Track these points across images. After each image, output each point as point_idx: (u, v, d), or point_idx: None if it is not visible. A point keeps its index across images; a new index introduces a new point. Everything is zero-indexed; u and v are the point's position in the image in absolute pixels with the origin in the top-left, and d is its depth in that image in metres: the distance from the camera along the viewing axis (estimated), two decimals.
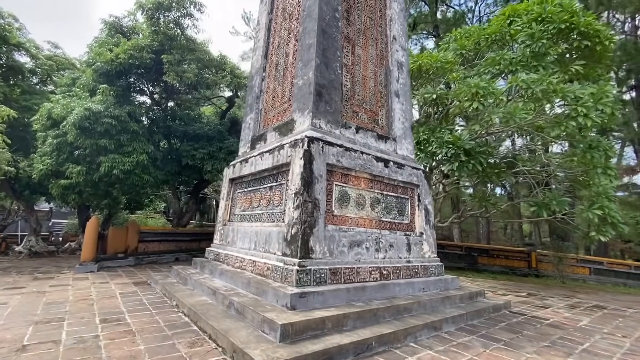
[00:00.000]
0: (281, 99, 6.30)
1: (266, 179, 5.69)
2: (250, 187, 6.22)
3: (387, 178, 5.82)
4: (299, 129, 5.27)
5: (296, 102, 5.55)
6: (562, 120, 6.97)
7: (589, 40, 7.45)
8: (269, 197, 5.48)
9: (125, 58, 8.86)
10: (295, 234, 4.36)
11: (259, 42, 7.59)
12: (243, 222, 6.13)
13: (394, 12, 7.25)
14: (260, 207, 5.71)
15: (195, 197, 13.86)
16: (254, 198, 5.97)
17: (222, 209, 6.94)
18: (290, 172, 4.83)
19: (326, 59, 5.52)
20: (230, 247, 6.11)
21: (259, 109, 7.03)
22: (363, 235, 5.14)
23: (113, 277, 7.61)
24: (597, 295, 9.86)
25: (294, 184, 4.65)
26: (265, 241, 5.05)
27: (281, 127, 5.88)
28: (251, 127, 6.97)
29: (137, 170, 9.03)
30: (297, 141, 4.84)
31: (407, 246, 5.84)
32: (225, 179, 7.15)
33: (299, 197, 4.48)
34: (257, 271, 4.88)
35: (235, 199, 6.72)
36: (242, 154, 7.02)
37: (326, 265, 4.45)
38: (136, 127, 9.10)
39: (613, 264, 14.75)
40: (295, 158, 4.77)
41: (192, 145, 11.49)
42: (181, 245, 12.18)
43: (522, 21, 8.08)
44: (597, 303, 7.91)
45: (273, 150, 5.45)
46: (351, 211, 5.17)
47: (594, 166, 8.34)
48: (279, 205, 5.16)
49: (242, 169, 6.40)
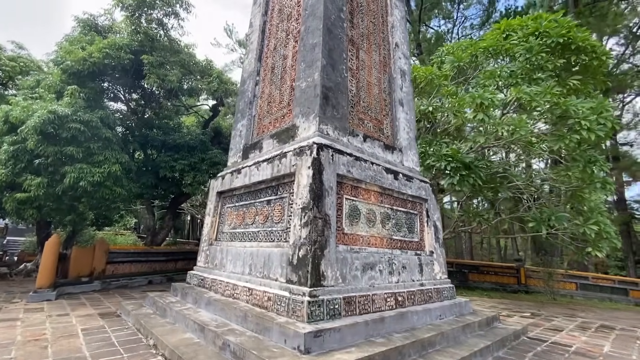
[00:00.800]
0: (279, 104, 5.71)
1: (263, 191, 5.00)
2: (242, 201, 5.49)
3: (397, 192, 5.31)
4: (302, 136, 4.67)
5: (298, 106, 4.98)
6: (565, 133, 6.84)
7: (586, 55, 7.53)
8: (266, 213, 4.79)
9: (100, 57, 7.99)
10: (304, 257, 3.69)
11: (252, 45, 7.03)
12: (234, 242, 5.36)
13: (395, 19, 6.96)
14: (255, 224, 4.99)
15: (172, 212, 12.76)
16: (247, 214, 5.24)
17: (207, 226, 6.13)
18: (295, 183, 4.19)
19: (332, 60, 5.02)
20: (219, 270, 5.30)
21: (252, 115, 6.39)
22: (376, 257, 4.53)
23: (75, 306, 6.49)
24: (595, 312, 9.68)
25: (300, 197, 4.01)
26: (264, 265, 4.32)
27: (280, 134, 5.26)
28: (243, 134, 6.29)
29: (108, 182, 8.03)
30: (302, 148, 4.23)
31: (419, 267, 5.28)
32: (211, 192, 6.37)
33: (307, 212, 3.84)
34: (254, 301, 4.11)
35: (224, 215, 5.95)
36: (233, 164, 6.30)
37: (339, 294, 3.78)
38: (109, 134, 8.15)
39: (598, 279, 14.91)
40: (301, 167, 4.15)
41: (172, 155, 10.57)
42: (155, 267, 11.00)
43: (518, 35, 8.09)
44: (602, 322, 7.63)
45: (272, 159, 4.80)
46: (362, 229, 4.57)
47: (591, 181, 8.25)
48: (280, 221, 4.47)
49: (233, 180, 5.68)
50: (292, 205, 4.25)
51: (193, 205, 19.76)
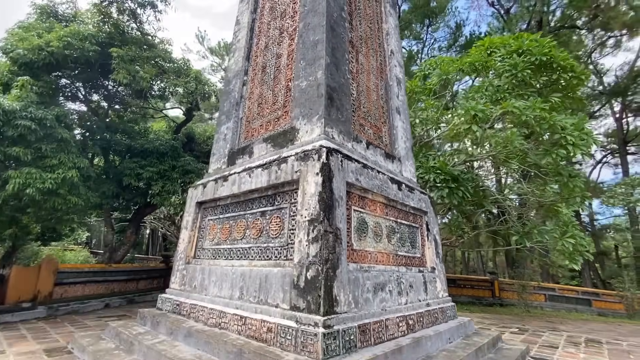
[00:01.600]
0: (272, 106, 5.18)
1: (256, 201, 4.39)
2: (229, 212, 4.81)
3: (401, 203, 4.93)
4: (304, 139, 4.17)
5: (298, 107, 4.49)
6: (552, 148, 6.97)
7: (566, 74, 7.88)
8: (260, 226, 4.17)
9: (60, 47, 6.96)
10: (314, 279, 3.13)
11: (239, 43, 6.48)
12: (218, 260, 4.64)
13: (390, 27, 6.79)
14: (246, 239, 4.34)
15: (135, 225, 11.49)
16: (235, 227, 4.58)
17: (184, 242, 5.33)
18: (299, 192, 3.65)
19: (336, 60, 4.62)
20: (199, 294, 4.53)
21: (238, 118, 5.78)
22: (385, 275, 4.06)
23: (13, 340, 5.31)
24: (572, 325, 9.88)
25: (306, 208, 3.47)
26: (260, 287, 3.67)
27: (275, 137, 4.71)
28: (228, 138, 5.65)
29: (62, 190, 6.91)
30: (308, 153, 3.73)
31: (424, 285, 4.89)
32: (189, 203, 5.60)
33: (316, 225, 3.30)
34: (249, 333, 3.44)
35: (204, 229, 5.21)
36: (216, 170, 5.61)
37: (354, 322, 3.25)
38: (67, 135, 7.06)
39: (564, 290, 15.56)
40: (307, 174, 3.62)
41: (138, 162, 9.52)
42: (113, 287, 9.70)
43: (501, 53, 8.32)
44: (586, 336, 7.69)
45: (268, 165, 4.23)
46: (370, 244, 4.10)
47: (569, 195, 8.48)
48: (278, 236, 3.88)
49: (218, 189, 4.99)
50: (295, 217, 3.69)
51: (157, 217, 18.20)
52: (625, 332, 9.09)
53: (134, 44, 8.08)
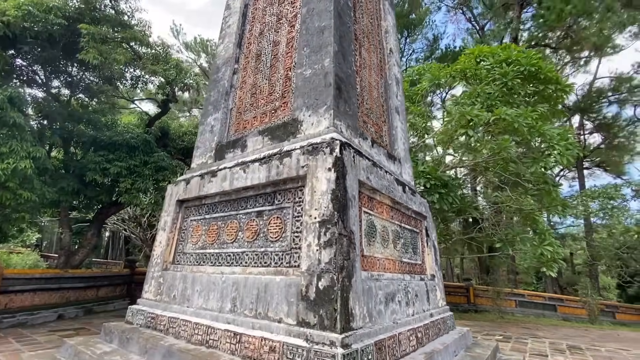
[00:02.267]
0: (268, 96, 4.72)
1: (251, 200, 3.89)
2: (218, 212, 4.26)
3: (404, 206, 4.64)
4: (309, 132, 3.75)
5: (301, 97, 4.07)
6: (540, 156, 7.07)
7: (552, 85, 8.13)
8: (256, 228, 3.67)
9: (18, 17, 6.00)
10: (328, 289, 2.70)
11: (229, 29, 5.96)
12: (203, 266, 4.06)
13: (389, 25, 6.58)
14: (238, 242, 3.82)
15: (97, 226, 10.36)
16: (225, 229, 4.04)
17: (160, 245, 4.68)
18: (307, 190, 3.22)
19: (343, 49, 4.27)
20: (180, 305, 3.92)
21: (228, 108, 5.25)
22: (395, 284, 3.71)
23: None
24: (547, 330, 10.12)
25: (317, 207, 3.05)
26: (258, 299, 3.18)
27: (273, 130, 4.25)
28: (216, 130, 5.10)
29: (12, 183, 5.95)
30: (317, 146, 3.31)
31: (427, 294, 4.60)
32: (168, 201, 4.96)
33: (329, 228, 2.88)
34: (245, 353, 2.93)
35: (186, 230, 4.60)
36: (200, 165, 5.02)
37: (370, 338, 2.85)
38: (21, 120, 6.10)
39: (532, 296, 16.14)
40: (316, 169, 3.21)
41: (105, 156, 8.57)
42: (69, 296, 8.60)
43: (490, 62, 8.44)
44: (566, 342, 7.82)
45: (267, 159, 3.76)
46: (378, 250, 3.75)
47: (550, 203, 8.67)
48: (279, 239, 3.41)
49: (204, 185, 4.43)
50: (301, 218, 3.25)
51: (122, 219, 16.77)
52: (596, 337, 9.42)
53: (106, 22, 7.21)
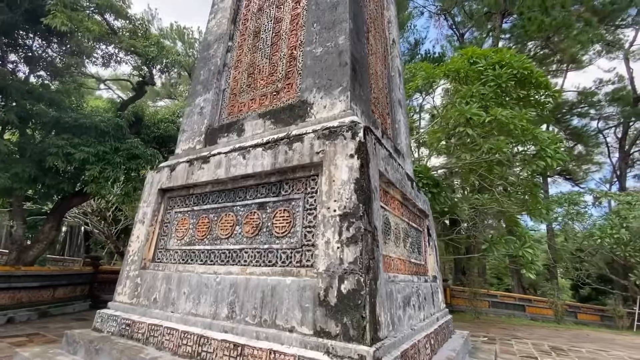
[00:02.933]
0: (269, 77, 4.25)
1: (252, 190, 3.41)
2: (209, 203, 3.74)
3: (412, 203, 4.35)
4: (322, 116, 3.34)
5: (311, 77, 3.65)
6: (532, 159, 7.12)
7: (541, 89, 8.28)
8: (258, 222, 3.21)
9: None
10: (353, 293, 2.31)
11: (223, 3, 5.40)
12: (192, 264, 3.53)
13: (391, 15, 6.31)
14: (235, 237, 3.33)
15: (57, 219, 9.28)
16: (218, 222, 3.53)
17: (138, 240, 4.06)
18: (323, 179, 2.81)
19: (357, 28, 3.90)
20: (163, 310, 3.37)
21: (220, 89, 4.71)
22: (409, 286, 3.40)
23: None
24: (524, 331, 10.35)
25: (336, 199, 2.65)
26: (263, 304, 2.72)
27: (277, 113, 3.80)
28: (206, 112, 4.54)
29: None
30: (335, 130, 2.92)
31: (432, 297, 4.34)
32: (148, 190, 4.34)
33: (353, 222, 2.50)
34: None
35: (170, 223, 4.02)
36: (187, 151, 4.44)
37: (396, 349, 2.50)
38: None
39: (504, 297, 16.69)
40: (335, 156, 2.81)
41: (69, 140, 7.63)
42: (21, 296, 7.58)
43: (483, 63, 8.46)
44: (548, 344, 7.96)
45: (273, 144, 3.30)
46: (391, 249, 3.41)
47: (534, 207, 8.81)
48: (286, 235, 2.98)
49: (194, 173, 3.88)
50: (314, 211, 2.84)
51: (84, 212, 15.36)
52: (570, 337, 9.75)
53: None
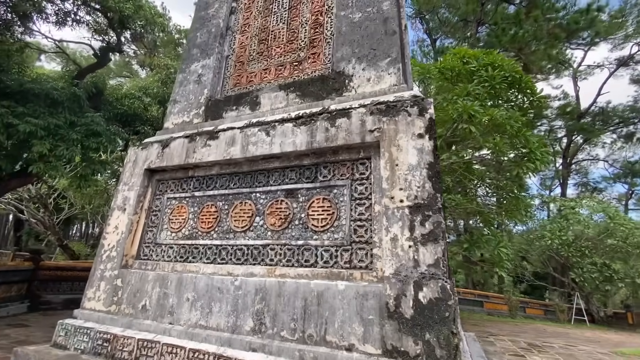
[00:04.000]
0: (288, 44, 3.63)
1: (277, 174, 2.81)
2: (217, 188, 3.05)
3: None
4: (366, 90, 2.83)
5: (348, 46, 3.11)
6: (522, 162, 7.25)
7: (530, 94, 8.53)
8: (287, 213, 2.62)
9: None
10: (437, 303, 1.86)
11: None
12: (195, 263, 2.84)
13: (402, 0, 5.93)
14: (255, 231, 2.71)
15: None
16: (231, 212, 2.87)
17: (117, 231, 3.24)
18: (382, 163, 2.32)
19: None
20: (156, 321, 2.64)
21: (223, 55, 3.97)
22: None
23: None
24: (492, 327, 10.76)
25: (402, 186, 2.17)
26: (305, 314, 2.16)
27: (302, 84, 3.21)
28: (206, 81, 3.79)
29: None
30: (394, 105, 2.43)
31: None
32: (130, 170, 3.50)
33: (429, 216, 2.04)
34: None
35: (161, 212, 3.25)
36: (181, 125, 3.67)
37: None
38: None
39: (466, 293, 17.47)
40: (398, 135, 2.33)
41: (11, 107, 6.25)
42: None
43: (475, 64, 8.51)
44: (523, 340, 8.24)
45: (308, 119, 2.73)
46: None
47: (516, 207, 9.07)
48: (328, 229, 2.44)
49: (196, 150, 3.16)
50: (371, 200, 2.34)
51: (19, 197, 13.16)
52: (533, 332, 10.30)
53: None
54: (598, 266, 18.42)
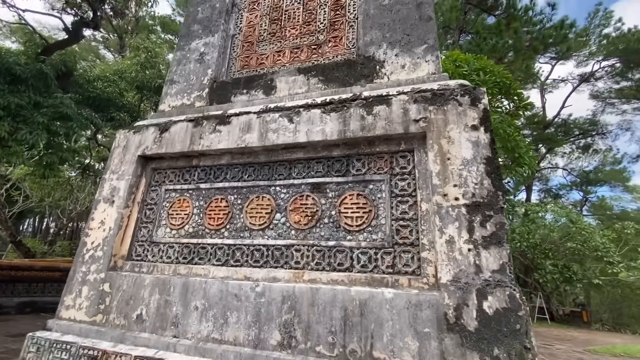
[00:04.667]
0: (305, 25, 3.31)
1: (301, 165, 2.50)
2: (227, 180, 2.69)
3: None
4: (400, 77, 2.59)
5: (378, 30, 2.86)
6: (511, 166, 7.39)
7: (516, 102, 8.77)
8: (314, 209, 2.33)
9: None
10: (505, 314, 1.66)
11: None
12: (202, 265, 2.46)
13: None
14: (276, 229, 2.39)
15: None
16: (246, 207, 2.52)
17: (103, 227, 2.76)
18: (431, 155, 2.08)
19: None
20: (156, 334, 2.24)
21: (228, 34, 3.58)
22: None
23: None
24: None
25: (457, 183, 1.96)
26: (346, 326, 1.88)
27: (325, 69, 2.91)
28: (209, 61, 3.38)
29: None
30: (440, 93, 2.21)
31: None
32: (120, 156, 3.02)
33: (490, 216, 1.84)
34: None
35: (158, 205, 2.82)
36: (181, 108, 3.23)
37: None
38: None
39: None
40: (448, 126, 2.11)
41: None
42: None
43: (466, 68, 8.62)
44: None
45: (338, 105, 2.45)
46: None
47: None
48: (364, 229, 2.17)
49: (203, 137, 2.76)
50: (415, 197, 2.10)
51: None
52: None
53: None
54: (559, 267, 19.55)
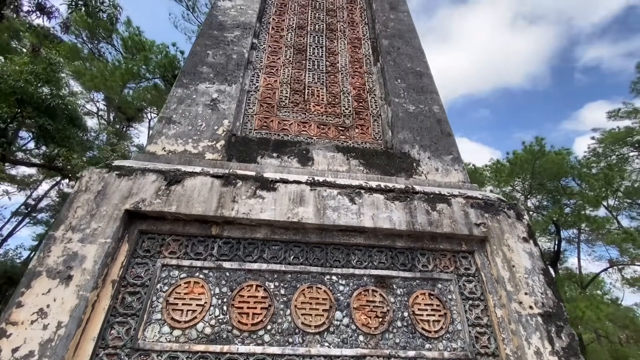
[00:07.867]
0: (329, 106, 3.37)
1: (360, 253, 2.23)
2: (265, 261, 2.12)
3: None
4: (436, 179, 2.83)
5: (408, 132, 3.14)
6: None
7: None
8: (385, 309, 2.05)
9: None
10: None
11: None
12: None
13: None
14: (336, 331, 1.94)
15: None
16: (293, 299, 2.00)
17: (45, 322, 1.62)
18: (499, 261, 2.23)
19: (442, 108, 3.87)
20: None
21: (243, 89, 3.25)
22: None
23: None
24: None
25: (525, 291, 2.12)
26: None
27: (365, 154, 2.92)
28: (226, 111, 2.91)
29: None
30: (490, 202, 2.52)
31: None
32: (92, 206, 2.01)
33: (562, 327, 2.02)
34: None
35: (151, 290, 1.90)
36: (182, 155, 2.53)
37: None
38: None
39: None
40: (504, 235, 2.35)
41: None
42: None
43: None
44: None
45: (402, 195, 2.43)
46: None
47: None
48: (443, 335, 2.02)
49: (237, 200, 2.18)
50: (484, 302, 2.13)
51: None
52: None
53: None
54: None
